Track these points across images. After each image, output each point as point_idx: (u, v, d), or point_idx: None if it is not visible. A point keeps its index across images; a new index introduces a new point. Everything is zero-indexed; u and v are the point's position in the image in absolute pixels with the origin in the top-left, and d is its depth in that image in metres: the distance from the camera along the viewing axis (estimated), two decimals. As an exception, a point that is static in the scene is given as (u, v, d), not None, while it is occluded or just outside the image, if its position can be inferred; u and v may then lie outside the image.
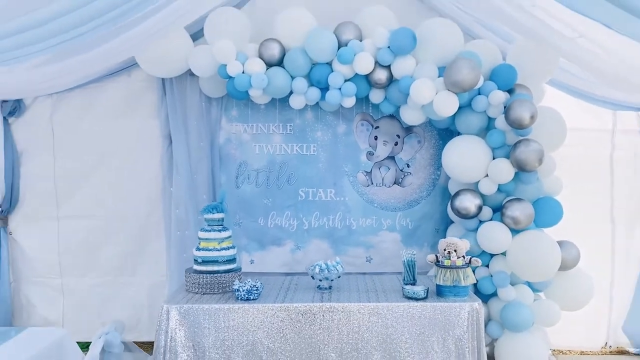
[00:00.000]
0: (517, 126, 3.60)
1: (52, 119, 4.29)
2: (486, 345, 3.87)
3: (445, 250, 3.23)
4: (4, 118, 4.17)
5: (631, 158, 4.46)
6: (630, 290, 4.40)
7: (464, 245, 3.23)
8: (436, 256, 3.32)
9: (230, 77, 3.83)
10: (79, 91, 4.25)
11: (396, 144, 4.32)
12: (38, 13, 2.92)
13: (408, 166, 4.33)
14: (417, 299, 3.13)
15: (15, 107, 4.19)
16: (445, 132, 4.16)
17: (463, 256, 3.21)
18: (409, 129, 4.30)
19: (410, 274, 3.36)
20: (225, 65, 3.79)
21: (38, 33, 3.07)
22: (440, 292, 3.22)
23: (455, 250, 3.18)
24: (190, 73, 4.07)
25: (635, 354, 4.37)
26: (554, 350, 4.37)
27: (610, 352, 4.43)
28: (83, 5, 2.93)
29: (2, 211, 4.22)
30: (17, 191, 4.28)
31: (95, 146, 4.32)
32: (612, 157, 4.45)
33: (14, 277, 4.33)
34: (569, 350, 4.40)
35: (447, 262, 3.20)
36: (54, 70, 3.72)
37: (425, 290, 3.18)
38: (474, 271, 3.44)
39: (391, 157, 4.33)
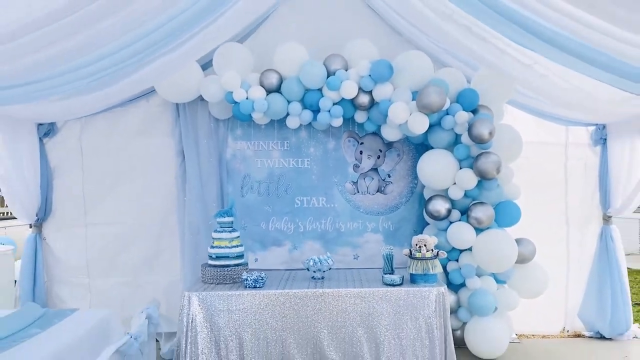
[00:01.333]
0: (479, 141, 4.29)
1: (81, 139, 4.94)
2: (457, 329, 4.55)
3: (416, 245, 3.89)
4: (40, 139, 4.81)
5: (582, 168, 5.15)
6: (584, 282, 5.05)
7: (432, 240, 3.89)
8: (410, 250, 3.97)
9: (235, 102, 4.51)
10: (104, 115, 4.90)
11: (378, 157, 5.00)
12: (76, 62, 3.53)
13: (389, 176, 5.00)
14: (393, 285, 3.78)
15: (49, 129, 4.84)
16: (420, 146, 4.83)
17: (432, 250, 3.87)
18: (389, 144, 4.97)
19: (389, 265, 4.00)
20: (232, 92, 4.47)
21: (75, 76, 3.70)
22: (413, 279, 3.87)
23: (425, 245, 3.84)
24: (200, 98, 4.74)
25: (589, 337, 5.01)
26: (519, 335, 5.01)
27: (568, 335, 5.08)
28: (111, 54, 3.54)
29: (37, 219, 4.85)
30: (50, 202, 4.91)
31: (118, 162, 4.96)
32: (566, 167, 5.14)
33: (47, 277, 4.92)
34: (532, 335, 5.03)
35: (418, 255, 3.86)
36: (84, 101, 4.38)
37: (401, 278, 3.84)
38: (442, 263, 4.10)
39: (374, 169, 5.00)
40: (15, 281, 5.08)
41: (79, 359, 2.59)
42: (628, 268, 5.37)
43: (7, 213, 9.36)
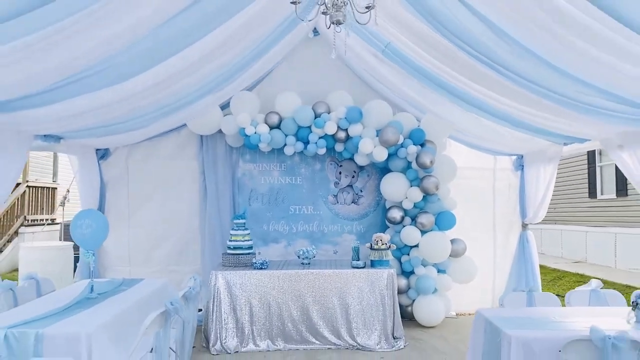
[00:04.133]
0: (423, 167, 5.92)
1: (127, 161, 6.50)
2: (408, 306, 6.12)
3: (375, 240, 5.48)
4: (98, 160, 6.36)
5: (507, 187, 6.80)
6: (506, 273, 6.66)
7: (386, 237, 5.48)
8: (371, 244, 5.56)
9: (246, 135, 6.10)
10: (145, 143, 6.46)
11: (353, 177, 6.61)
12: (139, 112, 5.09)
13: (361, 191, 6.61)
14: (359, 268, 5.36)
15: (104, 153, 6.40)
16: (383, 170, 6.45)
17: (385, 244, 5.46)
18: (361, 167, 6.58)
19: (356, 254, 5.56)
20: (244, 128, 6.06)
21: (125, 126, 5.29)
22: (372, 264, 5.45)
23: (380, 240, 5.43)
24: (219, 131, 6.32)
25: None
26: (458, 313, 6.59)
27: (494, 314, 6.66)
28: (162, 102, 5.11)
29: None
30: (103, 208, 6.42)
31: (155, 179, 6.51)
32: (494, 187, 6.79)
33: (100, 266, 6.43)
34: (467, 313, 6.60)
35: (376, 247, 5.45)
36: (134, 135, 5.93)
37: (364, 263, 5.43)
38: (396, 255, 5.70)
39: (350, 185, 6.62)
40: (75, 269, 6.57)
41: (151, 306, 4.08)
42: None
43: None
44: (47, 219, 12.95)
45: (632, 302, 3.32)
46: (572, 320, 3.33)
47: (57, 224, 12.83)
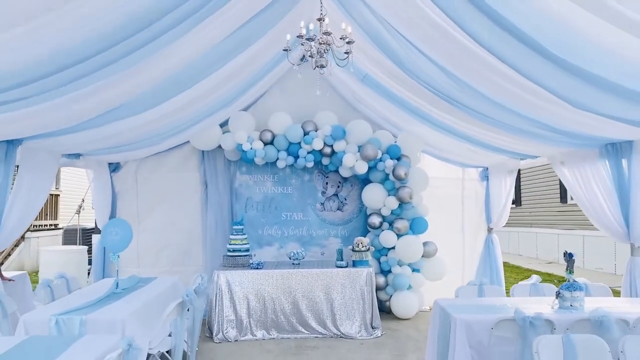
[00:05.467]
0: (399, 179, 6.77)
1: (137, 173, 7.28)
2: (386, 301, 6.95)
3: (356, 243, 6.31)
4: (110, 173, 7.13)
5: (474, 196, 7.67)
6: (473, 272, 7.52)
7: (365, 240, 6.32)
8: (352, 246, 6.39)
9: (243, 151, 6.90)
10: (152, 157, 7.24)
11: (338, 187, 7.44)
12: (148, 134, 5.89)
13: (345, 200, 7.44)
14: (342, 267, 6.18)
15: (116, 167, 7.17)
16: (364, 181, 7.28)
17: (365, 246, 6.29)
18: (345, 179, 7.42)
19: (340, 255, 6.38)
20: (241, 144, 6.87)
21: (137, 145, 6.07)
22: (354, 264, 6.27)
23: (361, 243, 6.26)
24: (219, 147, 7.12)
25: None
26: (430, 307, 7.40)
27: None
28: (170, 125, 5.91)
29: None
30: (115, 215, 7.18)
31: (161, 189, 7.30)
32: (463, 195, 7.66)
33: (113, 267, 7.16)
34: (439, 307, 7.42)
35: (357, 249, 6.28)
36: (143, 151, 6.73)
37: (347, 263, 6.25)
38: (375, 256, 6.53)
39: (335, 194, 7.45)
40: (89, 271, 7.33)
41: (167, 299, 4.85)
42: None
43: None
44: (50, 224, 13.64)
45: (556, 292, 4.16)
46: (509, 307, 4.16)
47: (60, 229, 13.55)
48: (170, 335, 4.38)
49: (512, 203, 17.13)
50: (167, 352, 4.40)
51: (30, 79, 2.85)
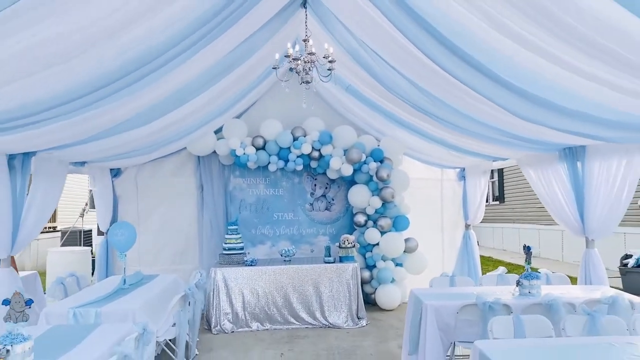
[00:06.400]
0: (382, 180, 7.30)
1: (136, 178, 7.76)
2: (371, 293, 7.49)
3: (342, 240, 6.84)
4: (111, 178, 7.60)
5: (452, 195, 8.23)
6: (452, 265, 8.07)
7: (351, 238, 6.85)
8: (339, 243, 6.92)
9: (236, 156, 7.41)
10: (151, 163, 7.73)
11: (326, 188, 7.97)
12: (147, 143, 6.39)
13: (333, 200, 7.97)
14: (330, 263, 6.71)
15: (117, 172, 7.65)
16: (350, 182, 7.82)
17: (351, 243, 6.82)
18: (332, 180, 7.95)
19: (328, 251, 6.91)
20: (235, 149, 7.37)
21: (137, 152, 6.56)
22: (340, 259, 6.81)
23: (347, 240, 6.79)
24: (213, 152, 7.62)
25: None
26: (413, 299, 7.96)
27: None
28: (170, 136, 6.41)
29: (107, 229, 7.60)
30: (115, 218, 7.66)
31: (160, 193, 7.78)
32: (442, 194, 8.22)
33: (116, 266, 7.65)
34: (421, 299, 7.97)
35: (343, 246, 6.81)
36: (143, 157, 7.21)
37: (334, 259, 6.78)
38: (361, 252, 7.07)
39: (324, 195, 7.97)
40: (92, 270, 7.79)
41: (169, 293, 5.35)
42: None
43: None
44: (49, 227, 14.06)
45: (516, 281, 4.71)
46: (474, 294, 4.70)
47: (58, 231, 13.99)
48: (174, 325, 4.89)
49: (496, 200, 17.84)
50: (171, 340, 4.92)
51: (54, 105, 3.35)
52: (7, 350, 2.79)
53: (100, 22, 2.57)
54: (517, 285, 4.70)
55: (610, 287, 5.12)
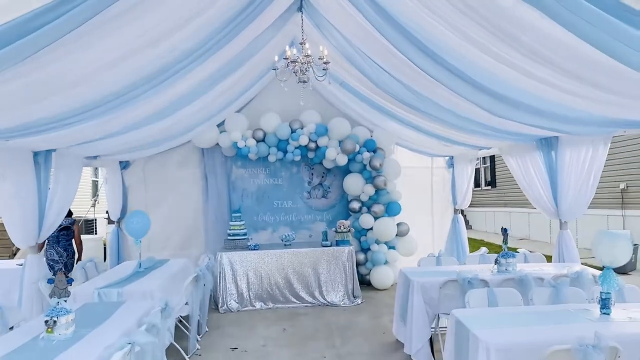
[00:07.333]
0: (374, 169, 7.81)
1: (144, 169, 8.24)
2: (366, 274, 8.04)
3: (338, 225, 7.37)
4: (121, 170, 8.07)
5: (442, 181, 8.75)
6: (442, 247, 8.59)
7: (347, 223, 7.37)
8: (335, 228, 7.44)
9: (238, 148, 7.89)
10: (158, 155, 8.19)
11: (323, 177, 8.47)
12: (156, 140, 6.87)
13: (329, 188, 8.48)
14: (327, 246, 7.24)
15: (126, 164, 8.12)
16: (345, 171, 8.32)
17: (346, 228, 7.34)
18: (328, 170, 8.44)
19: (325, 236, 7.44)
20: (236, 142, 7.85)
21: (146, 145, 7.04)
22: (337, 243, 7.34)
23: (342, 225, 7.32)
24: (217, 145, 8.09)
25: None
26: (406, 279, 8.52)
27: (434, 279, 8.63)
28: (175, 131, 6.89)
29: (118, 218, 8.10)
30: (125, 207, 8.16)
31: (167, 183, 8.27)
32: (432, 181, 8.73)
33: (126, 252, 8.16)
34: (413, 279, 8.53)
35: (339, 230, 7.34)
36: (151, 150, 7.68)
37: (331, 243, 7.31)
38: (356, 236, 7.61)
39: (320, 184, 8.48)
40: (104, 257, 8.31)
41: (181, 275, 5.87)
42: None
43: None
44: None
45: (495, 260, 5.25)
46: (456, 272, 5.23)
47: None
48: (187, 304, 5.42)
49: (488, 185, 18.38)
50: (184, 318, 5.46)
51: (84, 111, 3.83)
52: (55, 321, 3.31)
53: (136, 40, 3.05)
54: (495, 264, 5.23)
55: (587, 265, 5.65)
